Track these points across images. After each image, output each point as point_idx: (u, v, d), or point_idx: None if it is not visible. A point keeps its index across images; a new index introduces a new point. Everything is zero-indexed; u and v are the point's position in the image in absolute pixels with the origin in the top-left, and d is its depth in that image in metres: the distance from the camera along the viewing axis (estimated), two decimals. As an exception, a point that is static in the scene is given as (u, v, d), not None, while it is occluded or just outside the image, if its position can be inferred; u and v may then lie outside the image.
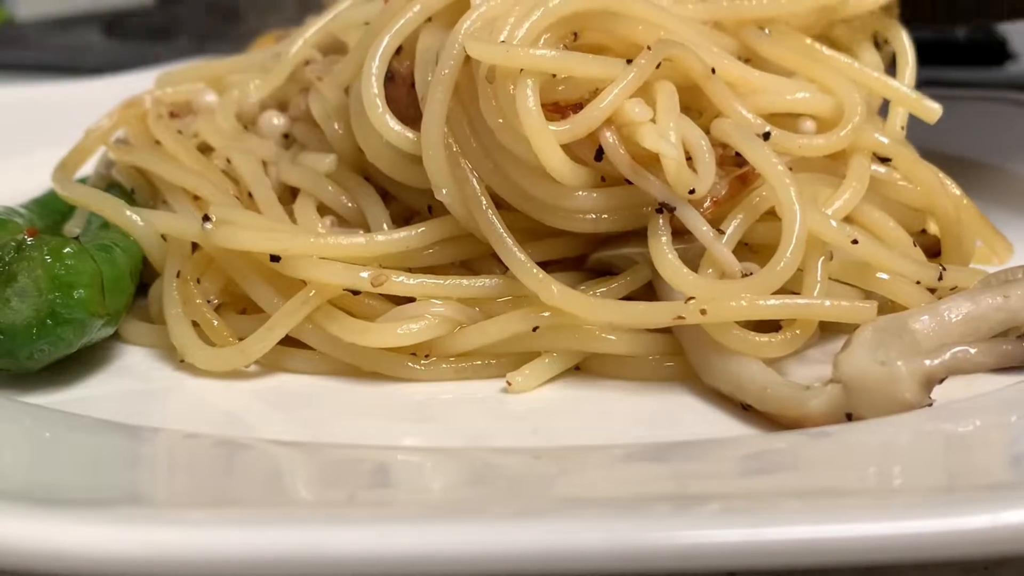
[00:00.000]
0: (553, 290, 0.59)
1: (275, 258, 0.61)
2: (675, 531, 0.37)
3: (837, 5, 0.69)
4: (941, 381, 0.54)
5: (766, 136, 0.62)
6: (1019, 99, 1.04)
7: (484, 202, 0.60)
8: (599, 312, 0.59)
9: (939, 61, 0.72)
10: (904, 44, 0.72)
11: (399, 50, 0.65)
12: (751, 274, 0.58)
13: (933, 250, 0.69)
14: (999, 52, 1.33)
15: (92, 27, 1.91)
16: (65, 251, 0.58)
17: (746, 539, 0.37)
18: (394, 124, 0.63)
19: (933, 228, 0.71)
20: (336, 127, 0.69)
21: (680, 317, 0.57)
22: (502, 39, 0.59)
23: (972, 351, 0.55)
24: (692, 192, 0.58)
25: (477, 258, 0.64)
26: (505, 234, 0.60)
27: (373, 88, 0.63)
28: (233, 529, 0.37)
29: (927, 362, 0.53)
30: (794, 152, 0.63)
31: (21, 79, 1.33)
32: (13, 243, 0.58)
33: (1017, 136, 0.96)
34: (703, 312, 0.56)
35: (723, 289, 0.57)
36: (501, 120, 0.60)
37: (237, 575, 0.36)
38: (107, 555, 0.36)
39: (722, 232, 0.59)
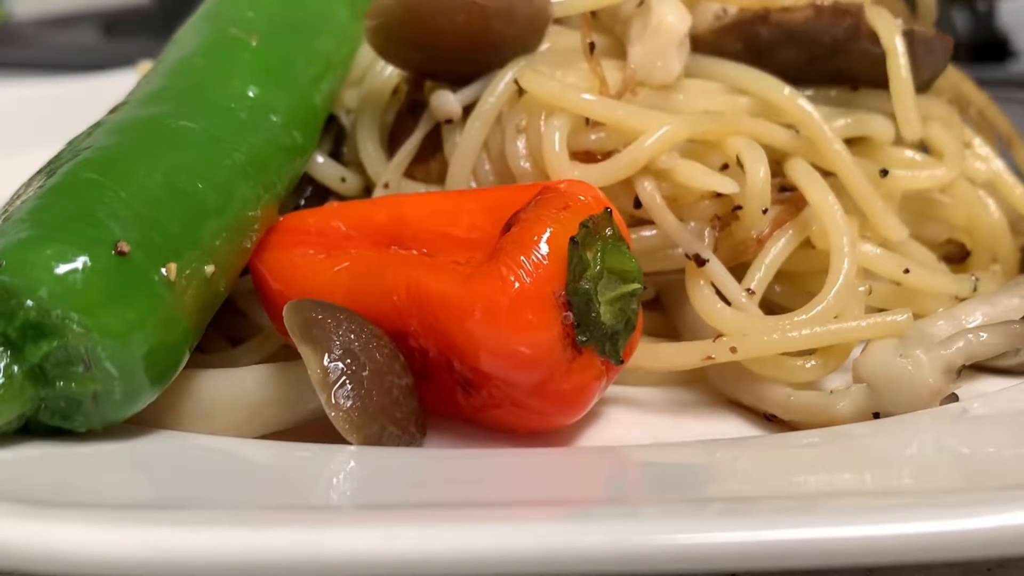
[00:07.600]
0: None
1: None
2: (674, 533, 0.37)
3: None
4: (960, 372, 0.54)
5: (883, 173, 0.61)
6: (1020, 98, 1.04)
7: None
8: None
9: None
10: None
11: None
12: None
13: (957, 256, 0.68)
14: (1000, 50, 1.33)
15: (90, 26, 1.91)
16: None
17: (746, 540, 0.37)
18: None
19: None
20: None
21: (710, 357, 0.55)
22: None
23: (984, 335, 0.55)
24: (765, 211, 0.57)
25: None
26: None
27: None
28: (231, 530, 0.37)
29: (943, 351, 0.53)
30: (904, 187, 0.62)
31: (19, 78, 1.32)
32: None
33: (1018, 135, 0.96)
34: (733, 350, 0.54)
35: (758, 326, 0.55)
36: (528, 164, 0.59)
37: (236, 576, 0.36)
38: (105, 556, 0.36)
39: (752, 292, 0.57)
